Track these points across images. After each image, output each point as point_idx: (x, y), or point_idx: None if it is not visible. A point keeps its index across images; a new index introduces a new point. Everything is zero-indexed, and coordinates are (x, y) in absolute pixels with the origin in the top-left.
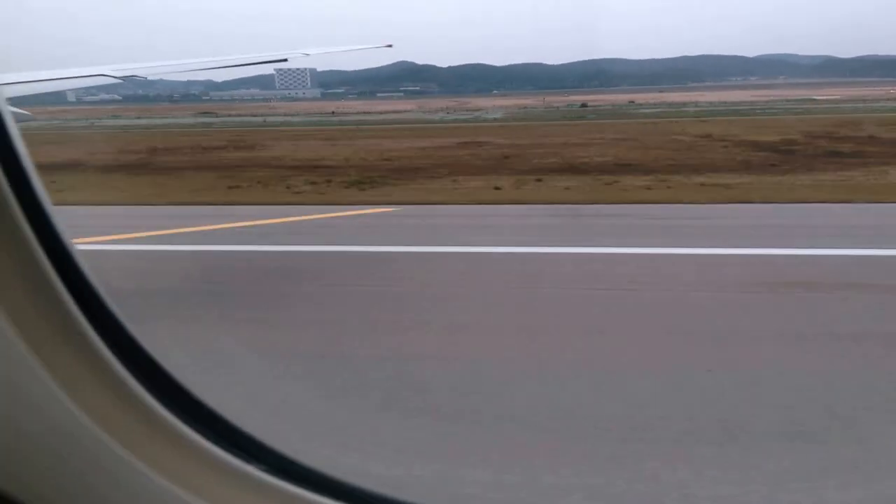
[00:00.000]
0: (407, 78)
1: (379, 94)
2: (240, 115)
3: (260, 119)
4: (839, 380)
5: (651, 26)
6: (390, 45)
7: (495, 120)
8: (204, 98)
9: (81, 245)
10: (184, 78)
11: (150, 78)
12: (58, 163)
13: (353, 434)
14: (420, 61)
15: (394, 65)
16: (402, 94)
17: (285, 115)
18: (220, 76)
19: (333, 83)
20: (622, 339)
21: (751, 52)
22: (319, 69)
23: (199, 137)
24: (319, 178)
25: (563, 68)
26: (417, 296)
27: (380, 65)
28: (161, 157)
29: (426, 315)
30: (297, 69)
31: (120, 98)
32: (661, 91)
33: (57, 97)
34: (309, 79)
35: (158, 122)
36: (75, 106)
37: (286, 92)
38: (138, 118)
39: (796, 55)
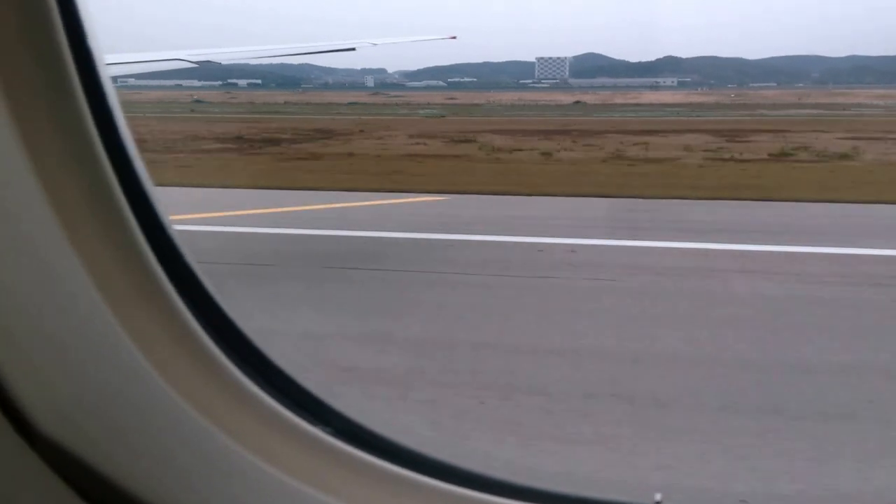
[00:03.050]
0: (599, 72)
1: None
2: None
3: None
4: None
5: None
6: (454, 37)
7: None
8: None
9: None
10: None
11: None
12: None
13: None
14: (610, 54)
15: (582, 56)
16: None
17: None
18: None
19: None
20: None
21: None
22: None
23: None
24: None
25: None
26: None
27: (563, 55)
28: None
29: None
30: (558, 58)
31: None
32: None
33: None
34: (567, 68)
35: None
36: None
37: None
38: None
39: None
